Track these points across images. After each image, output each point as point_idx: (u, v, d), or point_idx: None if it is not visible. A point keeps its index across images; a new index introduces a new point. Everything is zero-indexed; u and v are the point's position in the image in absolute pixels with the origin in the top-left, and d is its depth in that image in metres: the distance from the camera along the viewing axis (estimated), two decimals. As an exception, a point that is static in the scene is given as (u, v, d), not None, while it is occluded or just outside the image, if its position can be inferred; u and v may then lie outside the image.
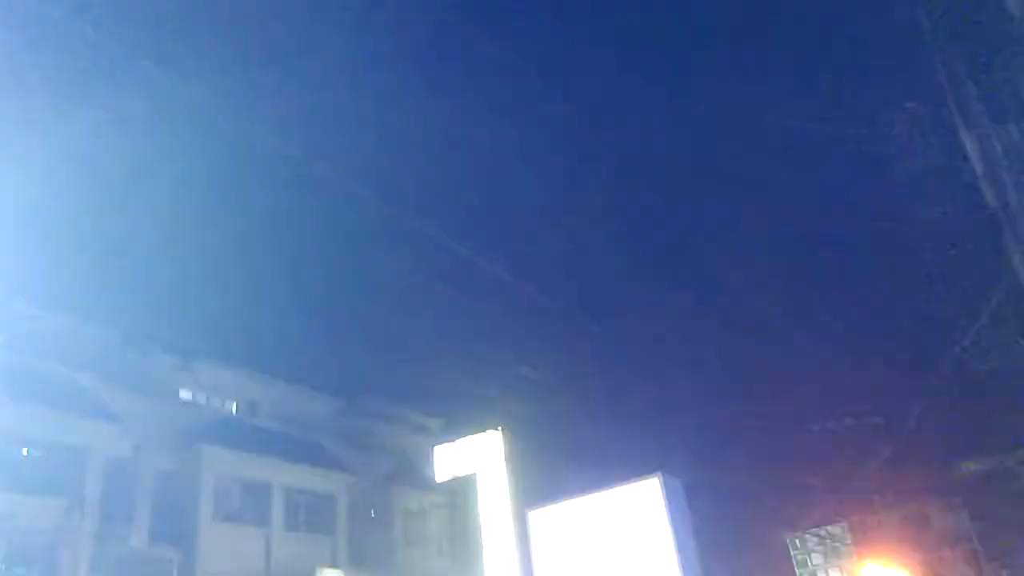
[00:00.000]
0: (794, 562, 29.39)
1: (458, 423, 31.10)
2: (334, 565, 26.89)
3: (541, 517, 23.25)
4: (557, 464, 29.39)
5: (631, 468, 22.95)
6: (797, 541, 29.54)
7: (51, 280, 23.27)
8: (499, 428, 26.00)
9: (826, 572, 28.72)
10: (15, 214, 19.90)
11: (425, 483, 30.56)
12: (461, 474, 25.86)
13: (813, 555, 29.20)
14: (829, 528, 29.15)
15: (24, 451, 21.50)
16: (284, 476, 26.59)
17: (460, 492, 25.75)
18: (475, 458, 25.92)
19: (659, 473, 21.48)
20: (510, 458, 25.16)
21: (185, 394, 26.82)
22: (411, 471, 31.77)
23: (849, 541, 28.67)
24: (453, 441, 26.92)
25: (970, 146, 12.43)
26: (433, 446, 28.28)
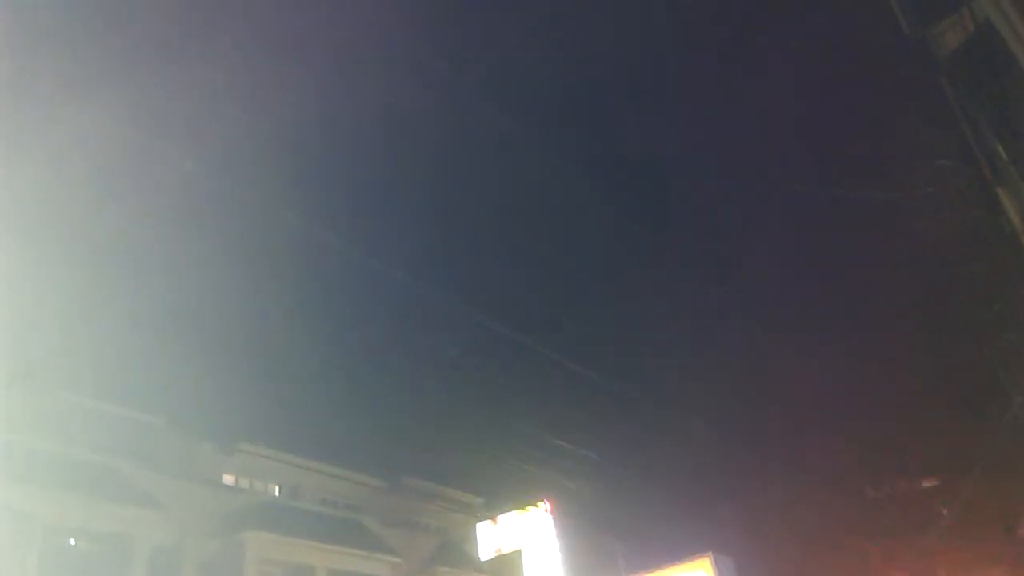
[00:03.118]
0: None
1: (501, 500, 30.68)
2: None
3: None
4: (605, 541, 28.73)
5: (681, 546, 22.45)
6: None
7: (92, 368, 23.66)
8: (546, 502, 25.59)
9: (891, 646, 27.40)
10: (54, 301, 20.43)
11: (469, 561, 30.01)
12: (506, 550, 25.41)
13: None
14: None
15: (71, 541, 21.60)
16: (328, 559, 26.30)
17: (505, 569, 25.24)
18: (519, 534, 25.48)
19: (710, 553, 20.99)
20: (557, 532, 24.69)
21: (228, 479, 26.87)
22: (455, 550, 31.26)
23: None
24: (496, 518, 26.52)
25: (1006, 201, 12.36)
26: (476, 523, 27.86)
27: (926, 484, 27.11)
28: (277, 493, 28.04)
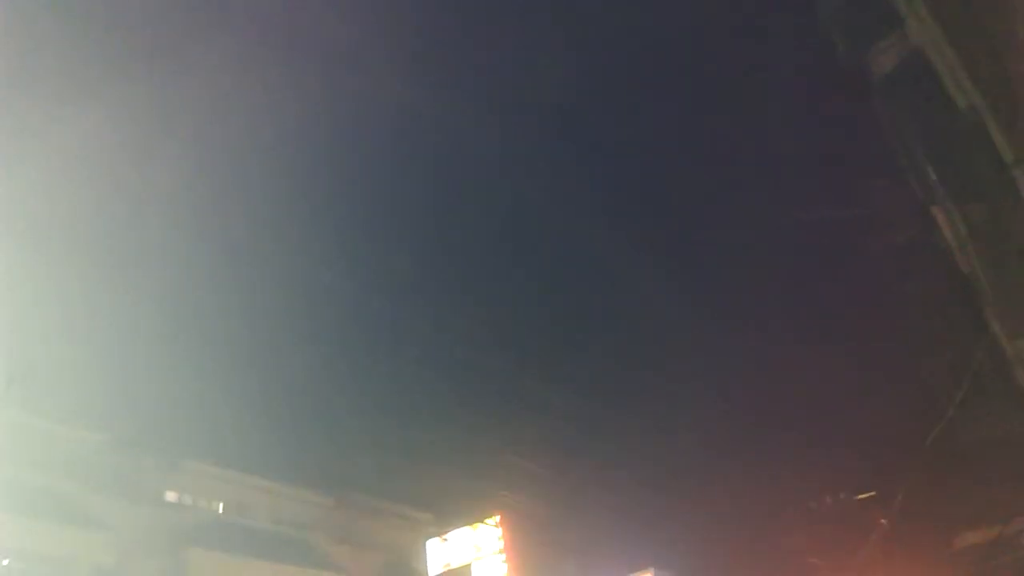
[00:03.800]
0: (800, 648, 28.54)
1: (450, 516, 30.56)
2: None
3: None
4: (551, 556, 28.81)
5: (629, 561, 22.66)
6: (802, 625, 28.76)
7: (30, 384, 23.01)
8: (495, 518, 25.61)
9: (833, 657, 27.82)
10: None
11: (419, 579, 29.84)
12: (455, 565, 25.33)
13: (819, 638, 28.38)
14: (834, 609, 28.48)
15: (4, 562, 20.95)
16: (273, 578, 25.91)
17: (454, 586, 25.16)
18: (469, 551, 25.44)
19: (651, 569, 21.29)
20: (507, 548, 24.72)
21: (171, 496, 26.29)
22: (403, 566, 31.02)
23: (855, 622, 27.98)
24: (446, 534, 26.43)
25: (940, 220, 12.84)
26: (425, 540, 27.71)
27: (865, 496, 27.73)
28: (221, 510, 27.52)
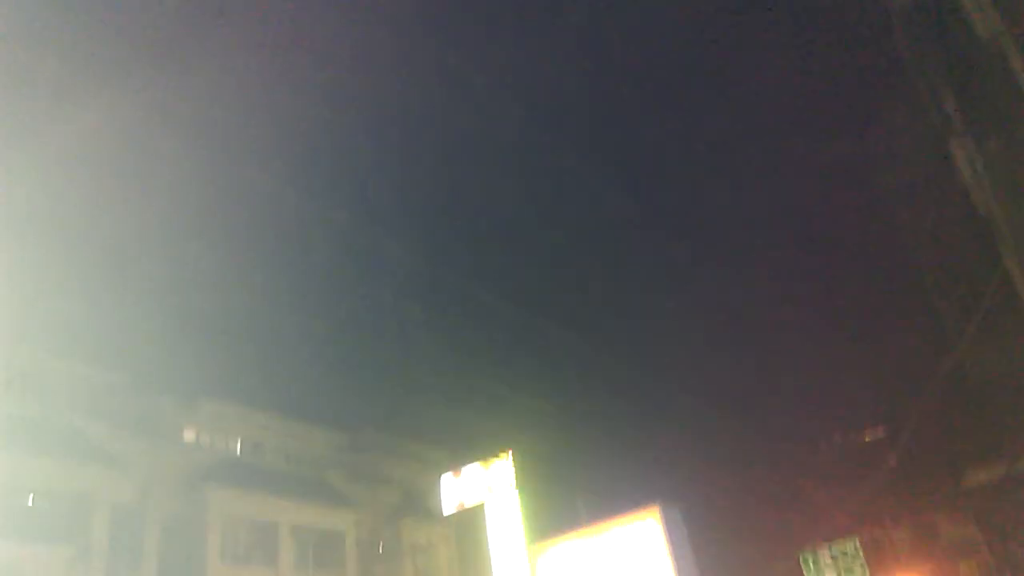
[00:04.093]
0: (807, 580, 29.12)
1: (463, 453, 30.99)
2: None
3: (544, 549, 23.27)
4: (562, 493, 29.26)
5: (635, 496, 22.95)
6: (810, 559, 29.25)
7: (52, 326, 23.28)
8: (507, 454, 25.86)
9: (839, 589, 28.40)
10: (15, 257, 20.03)
11: (432, 515, 30.37)
12: (469, 504, 25.71)
13: (827, 572, 28.90)
14: (841, 545, 28.94)
15: (29, 500, 21.42)
16: (291, 514, 26.45)
17: (468, 523, 25.58)
18: (482, 487, 25.79)
19: (659, 503, 21.50)
20: (519, 485, 25.01)
21: (189, 435, 26.72)
22: (418, 504, 31.60)
23: (861, 557, 28.45)
24: (458, 470, 26.78)
25: (958, 155, 12.65)
26: (439, 477, 28.12)
27: (874, 435, 27.96)
28: (239, 449, 27.99)
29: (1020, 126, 10.75)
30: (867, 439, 27.84)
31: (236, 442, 27.92)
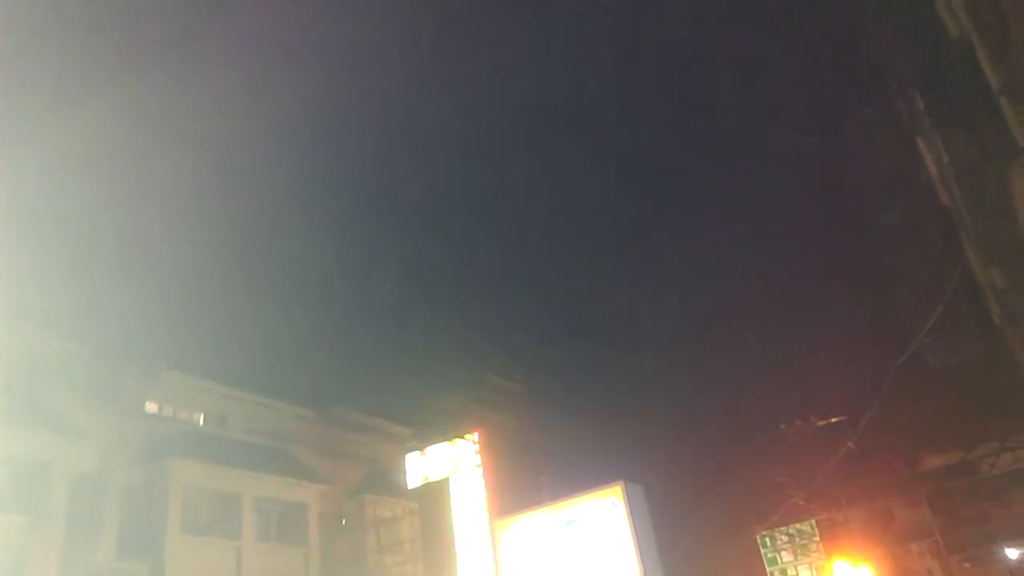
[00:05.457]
0: (764, 560, 29.72)
1: (429, 431, 31.13)
2: (307, 575, 26.78)
3: (508, 525, 23.56)
4: (527, 471, 29.53)
5: (598, 474, 23.24)
6: (767, 539, 29.86)
7: (12, 292, 22.89)
8: (474, 433, 26.06)
9: (795, 569, 29.02)
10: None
11: (397, 490, 30.51)
12: (434, 479, 25.86)
13: (783, 552, 29.52)
14: (798, 526, 29.57)
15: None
16: (254, 487, 26.38)
17: (432, 498, 25.73)
18: (447, 465, 25.95)
19: (621, 481, 21.85)
20: (483, 463, 25.23)
21: (152, 407, 26.49)
22: (382, 479, 31.71)
23: (817, 538, 29.07)
24: (424, 448, 26.90)
25: (923, 148, 12.84)
26: (404, 453, 28.22)
27: (834, 420, 28.42)
28: (202, 422, 27.82)
29: (986, 122, 10.92)
30: (827, 423, 28.28)
31: (200, 415, 27.73)
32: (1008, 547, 25.85)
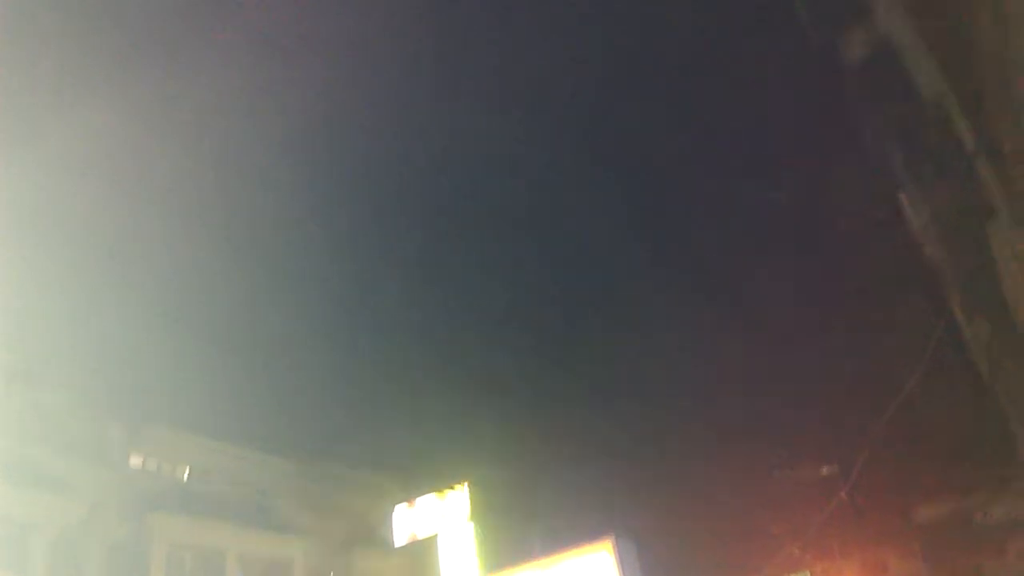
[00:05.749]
0: (759, 613, 29.27)
1: (418, 483, 30.77)
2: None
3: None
4: (517, 525, 29.18)
5: (589, 527, 23.03)
6: (762, 591, 29.46)
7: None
8: (463, 485, 25.81)
9: (791, 622, 28.57)
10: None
11: (385, 545, 30.05)
12: (421, 535, 25.53)
13: (778, 605, 29.09)
14: (793, 576, 29.23)
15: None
16: (239, 542, 25.98)
17: (422, 554, 25.41)
18: (436, 518, 25.64)
19: (612, 535, 21.65)
20: (474, 516, 24.95)
21: (136, 461, 26.13)
22: (370, 533, 31.23)
23: (812, 590, 28.71)
24: (412, 500, 26.60)
25: (905, 204, 13.01)
26: (392, 506, 27.90)
27: (826, 469, 28.29)
28: (186, 476, 27.45)
29: (964, 180, 11.09)
30: (819, 473, 28.13)
31: (184, 468, 27.37)
32: (1002, 599, 25.59)
